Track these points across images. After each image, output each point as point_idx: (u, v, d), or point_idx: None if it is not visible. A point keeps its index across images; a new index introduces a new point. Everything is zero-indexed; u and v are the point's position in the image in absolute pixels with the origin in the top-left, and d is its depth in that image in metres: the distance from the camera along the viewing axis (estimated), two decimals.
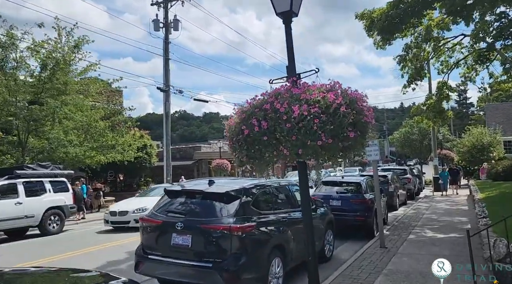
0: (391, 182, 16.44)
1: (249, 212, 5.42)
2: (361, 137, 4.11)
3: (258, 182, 6.01)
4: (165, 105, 21.76)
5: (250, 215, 5.40)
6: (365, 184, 11.00)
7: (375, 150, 8.76)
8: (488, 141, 27.10)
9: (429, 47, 22.08)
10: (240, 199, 5.37)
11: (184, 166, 31.27)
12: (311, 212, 4.58)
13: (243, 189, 5.57)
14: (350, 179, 11.22)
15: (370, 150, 8.82)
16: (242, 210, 5.32)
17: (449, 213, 14.24)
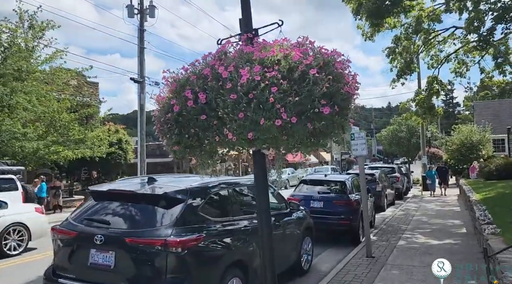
0: (379, 181, 15.34)
1: (196, 220, 4.13)
2: (341, 116, 2.84)
3: (212, 181, 4.73)
4: (139, 97, 20.25)
5: (197, 224, 4.10)
6: (350, 184, 9.80)
7: (362, 144, 7.53)
8: (478, 139, 26.29)
9: (419, 40, 21.09)
10: (184, 203, 4.07)
11: (164, 163, 29.70)
12: (269, 219, 3.31)
13: (189, 190, 4.27)
14: (333, 177, 10.00)
15: (356, 144, 7.59)
16: (186, 218, 4.02)
17: (440, 215, 13.17)
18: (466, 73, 22.33)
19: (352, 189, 9.71)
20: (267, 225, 3.25)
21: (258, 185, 3.26)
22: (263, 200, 3.25)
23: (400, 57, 20.72)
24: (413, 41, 20.37)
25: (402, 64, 20.81)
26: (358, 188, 10.56)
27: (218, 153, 3.39)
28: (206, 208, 4.34)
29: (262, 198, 3.25)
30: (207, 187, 4.57)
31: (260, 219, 3.28)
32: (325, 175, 10.16)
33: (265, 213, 3.25)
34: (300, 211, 6.89)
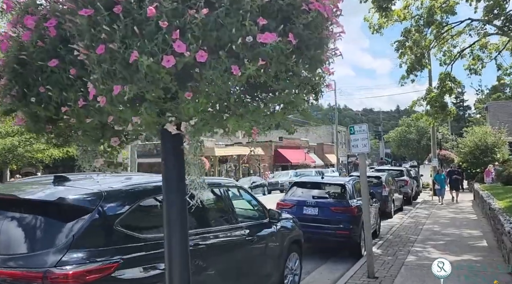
0: (386, 184, 13.89)
1: (110, 239, 2.81)
2: (305, 61, 1.50)
3: (150, 182, 3.42)
4: None
5: (111, 245, 2.78)
6: (351, 187, 8.41)
7: (363, 139, 6.16)
8: (492, 141, 24.68)
9: (430, 34, 19.62)
10: (91, 214, 2.75)
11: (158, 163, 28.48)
12: (187, 235, 1.99)
13: (103, 194, 2.93)
14: (331, 179, 8.61)
15: (356, 139, 6.22)
16: (92, 236, 2.71)
17: (455, 224, 11.70)
18: (481, 70, 20.83)
19: (353, 193, 8.33)
20: (180, 243, 1.92)
21: (168, 185, 1.94)
22: (175, 209, 1.92)
23: (410, 52, 19.30)
24: (424, 35, 18.93)
25: (412, 59, 19.41)
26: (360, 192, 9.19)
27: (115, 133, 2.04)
28: (130, 221, 3.01)
29: (173, 207, 1.93)
30: (136, 191, 3.25)
31: (169, 235, 1.95)
32: (322, 176, 8.80)
33: (178, 227, 1.93)
34: (285, 221, 5.53)
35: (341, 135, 66.13)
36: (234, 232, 4.18)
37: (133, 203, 3.11)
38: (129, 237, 2.94)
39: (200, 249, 3.50)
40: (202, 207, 4.05)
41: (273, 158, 41.29)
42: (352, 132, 6.26)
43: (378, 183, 13.96)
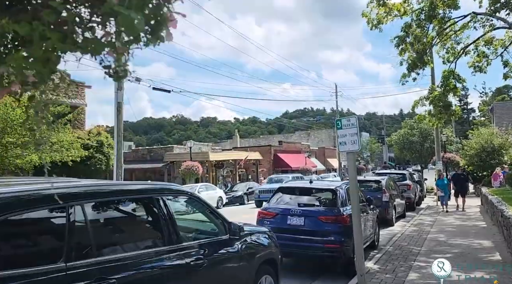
0: (386, 189, 12.79)
1: None
2: None
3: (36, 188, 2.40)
4: (116, 94, 18.02)
5: None
6: (343, 193, 7.35)
7: (353, 135, 5.11)
8: (499, 143, 23.50)
9: (433, 31, 18.59)
10: None
11: (154, 169, 27.54)
12: None
13: None
14: (321, 184, 7.53)
15: (344, 135, 5.18)
16: None
17: (462, 233, 10.58)
18: (486, 68, 19.72)
19: (346, 199, 7.26)
20: None
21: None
22: None
23: (411, 48, 18.27)
24: (426, 31, 17.90)
25: (413, 56, 18.38)
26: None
27: None
28: None
29: None
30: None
31: None
32: (310, 181, 7.69)
33: None
34: (254, 236, 4.46)
35: None
36: (173, 255, 3.13)
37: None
38: None
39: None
40: (114, 223, 3.03)
41: (273, 163, 40.20)
42: (338, 127, 5.21)
43: (378, 187, 12.88)
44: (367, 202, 8.77)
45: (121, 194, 3.07)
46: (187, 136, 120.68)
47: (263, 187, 22.91)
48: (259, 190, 21.73)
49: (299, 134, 66.72)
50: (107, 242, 2.70)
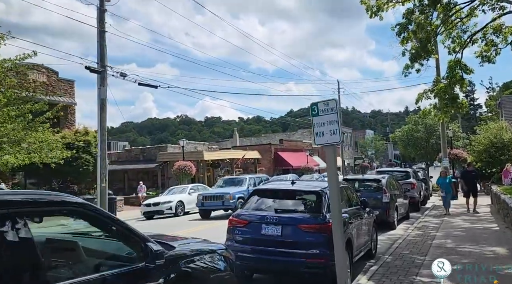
0: (387, 189, 11.60)
1: None
2: None
3: None
4: (99, 90, 16.91)
5: None
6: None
7: (332, 123, 3.97)
8: (509, 137, 22.17)
9: (437, 19, 17.33)
10: None
11: (146, 170, 26.50)
12: None
13: None
14: (304, 185, 6.35)
15: (321, 124, 4.05)
16: None
17: (473, 237, 9.37)
18: (495, 57, 18.39)
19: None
20: None
21: None
22: None
23: (414, 37, 17.02)
24: (429, 19, 16.66)
25: (416, 45, 17.15)
26: (348, 201, 6.96)
27: None
28: None
29: None
30: None
31: None
32: (292, 182, 6.51)
33: None
34: (195, 258, 3.32)
35: (347, 137, 63.66)
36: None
37: None
38: None
39: None
40: None
41: (273, 161, 39.04)
42: (314, 113, 4.09)
43: (378, 187, 11.70)
44: (362, 205, 7.61)
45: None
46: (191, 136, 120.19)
47: (209, 191, 18.19)
48: (203, 196, 16.60)
49: (302, 132, 65.49)
50: None
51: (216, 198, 16.26)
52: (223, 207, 16.33)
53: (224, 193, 16.24)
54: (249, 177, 18.86)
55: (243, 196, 15.63)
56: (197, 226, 14.74)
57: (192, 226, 14.74)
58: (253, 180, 18.28)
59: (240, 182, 18.02)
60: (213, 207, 16.49)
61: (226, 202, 15.91)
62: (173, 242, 3.37)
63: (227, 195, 16.03)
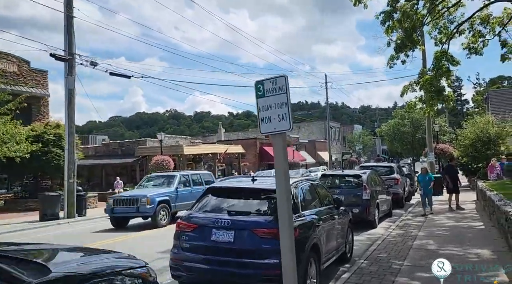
0: (367, 185, 10.88)
1: None
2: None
3: None
4: (66, 80, 15.95)
5: None
6: (298, 194, 5.43)
7: (281, 106, 3.15)
8: (496, 132, 21.72)
9: (423, 9, 16.64)
10: None
11: (125, 164, 25.45)
12: None
13: None
14: (266, 183, 5.53)
15: (268, 107, 3.23)
16: None
17: (457, 237, 8.70)
18: (482, 49, 17.81)
19: (299, 204, 5.33)
20: None
21: None
22: None
23: (399, 26, 16.31)
24: (415, 8, 15.96)
25: (401, 35, 16.46)
26: (319, 200, 6.19)
27: None
28: None
29: None
30: None
31: None
32: (253, 179, 5.65)
33: None
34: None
35: (334, 131, 63.16)
36: None
37: None
38: None
39: None
40: None
41: (258, 156, 38.25)
42: (260, 94, 3.29)
43: (358, 183, 10.98)
44: (335, 204, 6.84)
45: None
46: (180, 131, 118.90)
47: (122, 194, 14.91)
48: (114, 199, 12.64)
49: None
50: None
51: (129, 203, 12.24)
52: (138, 214, 12.38)
53: (139, 196, 12.33)
54: (181, 174, 14.33)
55: (167, 200, 12.72)
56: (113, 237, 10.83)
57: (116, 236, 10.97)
58: (186, 177, 14.23)
59: (169, 180, 13.88)
60: (125, 214, 12.42)
61: (142, 207, 12.01)
62: (62, 260, 2.52)
63: (143, 198, 12.09)
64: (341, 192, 10.93)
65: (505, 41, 17.02)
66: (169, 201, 12.89)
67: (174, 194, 13.25)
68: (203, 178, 14.93)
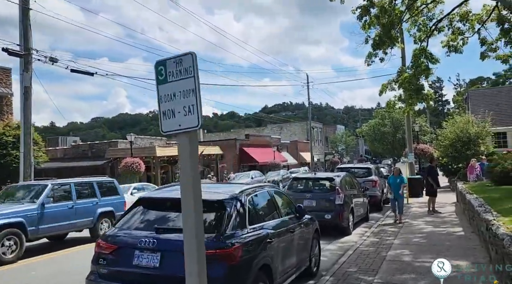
0: (341, 189, 10.12)
1: None
2: None
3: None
4: (22, 77, 14.77)
5: None
6: (243, 206, 4.53)
7: (187, 95, 2.29)
8: (476, 132, 21.38)
9: (402, 5, 16.08)
10: None
11: (95, 167, 24.19)
12: None
13: None
14: (210, 191, 4.62)
15: (171, 95, 2.35)
16: None
17: (434, 246, 8.00)
18: (462, 47, 17.37)
19: (245, 218, 4.45)
20: None
21: None
22: None
23: (377, 22, 15.70)
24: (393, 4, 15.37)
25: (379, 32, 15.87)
26: (277, 210, 5.36)
27: None
28: None
29: None
30: None
31: None
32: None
33: None
34: None
35: (317, 132, 62.72)
36: None
37: None
38: None
39: None
40: None
41: (238, 157, 37.35)
42: (161, 79, 2.41)
43: (331, 187, 10.21)
44: (297, 213, 6.02)
45: None
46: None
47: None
48: None
49: (271, 127, 64.12)
50: None
51: None
52: None
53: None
54: (56, 183, 10.15)
55: (19, 222, 8.70)
56: None
57: None
58: (66, 188, 10.19)
59: (36, 193, 9.67)
60: None
61: None
62: None
63: None
64: (313, 196, 10.18)
65: (484, 38, 16.59)
66: (23, 223, 8.79)
67: (36, 213, 9.15)
68: (98, 187, 11.10)
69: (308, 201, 10.11)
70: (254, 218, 4.61)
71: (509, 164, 10.91)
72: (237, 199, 4.43)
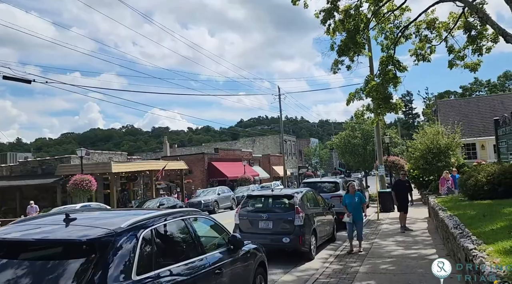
0: (301, 207, 8.86)
1: None
2: None
3: None
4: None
5: None
6: (127, 241, 3.16)
7: None
8: (446, 143, 20.80)
9: (368, 12, 15.39)
10: None
11: (44, 186, 22.02)
12: None
13: None
14: (85, 221, 3.21)
15: None
16: None
17: (405, 275, 6.81)
18: (430, 55, 16.81)
19: (122, 266, 3.06)
20: None
21: None
22: None
23: (342, 27, 14.90)
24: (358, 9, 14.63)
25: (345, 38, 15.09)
26: (198, 246, 4.00)
27: None
28: None
29: None
30: None
31: None
32: (67, 216, 3.36)
33: None
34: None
35: (290, 145, 61.92)
36: None
37: None
38: None
39: None
40: None
41: (206, 172, 35.75)
42: None
43: (289, 206, 8.94)
44: (231, 245, 4.67)
45: None
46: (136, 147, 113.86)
47: None
48: None
49: (244, 141, 62.87)
50: None
51: None
52: None
53: None
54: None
55: None
56: None
57: None
58: None
59: None
60: None
61: None
62: None
63: None
64: (269, 217, 8.88)
65: (452, 46, 16.04)
66: None
67: None
68: None
69: (264, 223, 8.82)
70: (149, 263, 3.24)
71: (483, 177, 9.98)
72: (119, 236, 3.05)
